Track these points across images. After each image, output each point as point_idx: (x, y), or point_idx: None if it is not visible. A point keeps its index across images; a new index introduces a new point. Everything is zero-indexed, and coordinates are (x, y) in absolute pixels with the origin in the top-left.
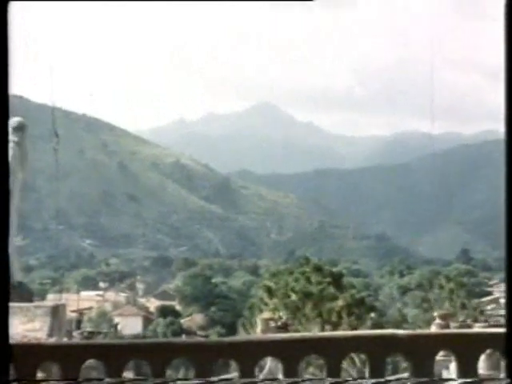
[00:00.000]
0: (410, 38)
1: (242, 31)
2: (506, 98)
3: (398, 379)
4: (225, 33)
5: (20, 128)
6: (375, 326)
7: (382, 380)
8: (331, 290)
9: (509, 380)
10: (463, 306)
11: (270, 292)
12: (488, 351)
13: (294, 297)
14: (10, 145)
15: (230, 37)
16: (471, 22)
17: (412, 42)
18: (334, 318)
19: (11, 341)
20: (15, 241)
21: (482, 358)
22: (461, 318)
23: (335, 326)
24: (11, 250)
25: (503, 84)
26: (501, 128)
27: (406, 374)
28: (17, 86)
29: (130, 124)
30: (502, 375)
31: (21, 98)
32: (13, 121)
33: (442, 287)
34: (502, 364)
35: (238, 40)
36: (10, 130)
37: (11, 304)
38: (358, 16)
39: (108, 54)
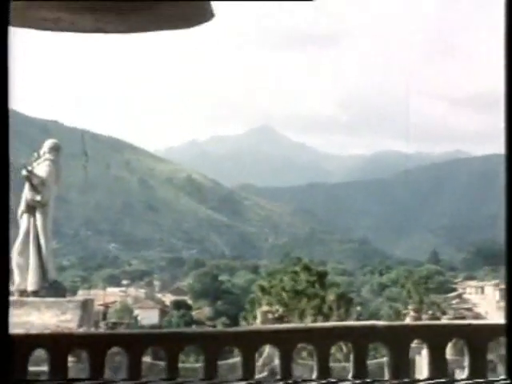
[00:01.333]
0: (387, 71)
1: (246, 66)
2: (505, 101)
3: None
4: (231, 68)
5: (55, 148)
6: (359, 317)
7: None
8: (318, 287)
9: (509, 380)
10: (432, 301)
11: (263, 290)
12: (454, 339)
13: (287, 293)
14: (47, 163)
15: (235, 71)
16: (442, 57)
17: (389, 74)
18: (325, 311)
19: (47, 330)
20: (51, 245)
21: (449, 345)
22: (431, 311)
23: (325, 318)
24: (48, 252)
25: (468, 110)
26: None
27: (385, 359)
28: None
29: (148, 144)
30: (466, 359)
31: (56, 122)
32: (49, 142)
33: (409, 285)
34: (465, 350)
35: (241, 73)
36: (47, 149)
37: (48, 299)
38: (342, 52)
39: (129, 82)
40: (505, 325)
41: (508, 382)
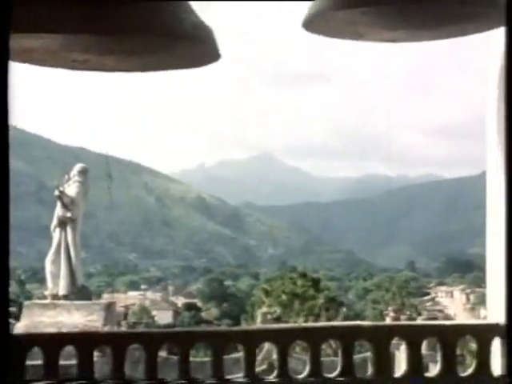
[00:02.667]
0: (371, 105)
1: (248, 101)
2: (505, 102)
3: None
4: (235, 102)
5: (83, 172)
6: (345, 318)
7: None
8: (311, 291)
9: (509, 380)
10: (409, 304)
11: (266, 293)
12: (428, 337)
13: (284, 296)
14: (76, 184)
15: (239, 105)
16: (418, 94)
17: (373, 108)
18: (315, 312)
19: (75, 329)
20: (79, 255)
21: (424, 342)
22: (408, 312)
23: (316, 318)
24: (77, 261)
25: (440, 139)
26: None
27: (368, 353)
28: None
29: (164, 167)
30: (438, 354)
31: (83, 149)
32: (78, 166)
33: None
34: (438, 346)
35: (244, 107)
36: (76, 173)
37: (77, 302)
38: (332, 89)
39: (147, 113)
40: (505, 325)
41: (508, 381)
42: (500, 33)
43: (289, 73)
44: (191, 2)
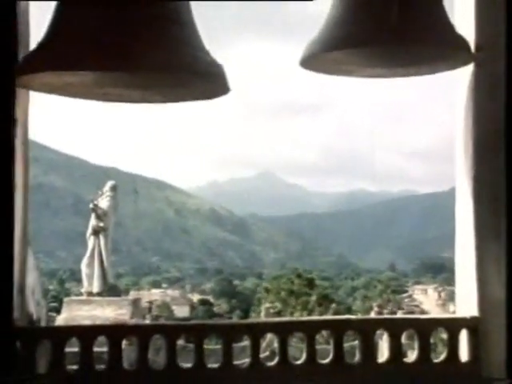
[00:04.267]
0: (358, 131)
1: (253, 128)
2: (505, 104)
3: None
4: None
5: (114, 188)
6: (336, 312)
7: None
8: (307, 289)
9: (509, 380)
10: (390, 300)
11: (267, 291)
12: (407, 329)
13: (283, 294)
14: (108, 198)
15: (246, 132)
16: (398, 121)
17: (359, 133)
18: (309, 307)
19: (107, 321)
20: (110, 258)
21: (404, 333)
22: (390, 307)
23: (310, 313)
24: (108, 264)
25: (417, 159)
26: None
27: (356, 342)
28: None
29: (182, 183)
30: (416, 343)
31: (114, 168)
32: (109, 183)
33: (377, 287)
34: (415, 336)
35: (250, 133)
36: (108, 189)
37: (108, 298)
38: (323, 117)
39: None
40: (505, 325)
41: (508, 381)
42: (467, 70)
43: (287, 104)
44: (205, 42)
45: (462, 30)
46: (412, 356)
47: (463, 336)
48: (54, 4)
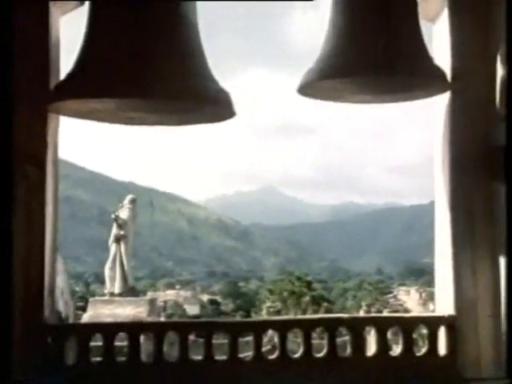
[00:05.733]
0: (348, 150)
1: (255, 148)
2: (505, 107)
3: None
4: (247, 150)
5: (133, 200)
6: (328, 311)
7: None
8: (305, 290)
9: (509, 380)
10: (377, 300)
11: (270, 292)
12: (392, 326)
13: (284, 294)
14: (127, 210)
15: (249, 152)
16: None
17: (349, 151)
18: (306, 307)
19: (127, 319)
20: (130, 263)
21: (390, 331)
22: (377, 306)
23: (305, 312)
24: (128, 268)
25: (399, 175)
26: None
27: (347, 337)
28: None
29: (193, 197)
30: (400, 338)
31: (133, 183)
32: (129, 196)
33: (365, 289)
34: (399, 332)
35: (253, 153)
36: (127, 201)
37: (128, 298)
38: (318, 137)
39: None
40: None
41: (508, 381)
42: (444, 96)
43: (286, 126)
44: (214, 72)
45: (440, 61)
46: (397, 350)
47: (441, 332)
48: (80, 39)
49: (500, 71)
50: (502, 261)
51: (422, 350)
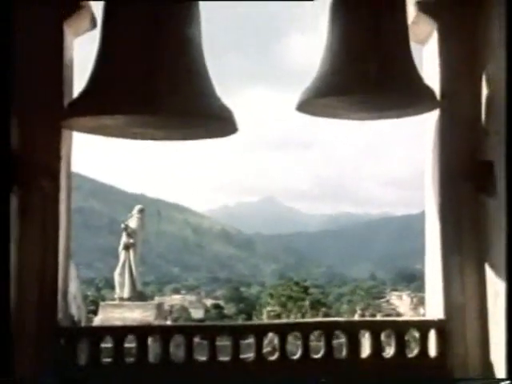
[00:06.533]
0: (343, 163)
1: (256, 162)
2: (505, 109)
3: None
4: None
5: (141, 211)
6: (326, 315)
7: None
8: (303, 295)
9: (509, 381)
10: (371, 304)
11: (270, 297)
12: (385, 329)
13: (283, 298)
14: (136, 219)
15: (250, 166)
16: (376, 155)
17: (345, 164)
18: (304, 311)
19: (135, 322)
20: (138, 269)
21: (383, 333)
22: (371, 311)
23: (304, 315)
24: (136, 274)
25: (392, 187)
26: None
27: (343, 340)
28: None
29: (198, 207)
30: (392, 340)
31: (142, 194)
32: (137, 207)
33: (359, 294)
34: (392, 335)
35: (254, 166)
36: (136, 211)
37: (136, 303)
38: (315, 151)
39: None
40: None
41: (508, 382)
42: (434, 113)
43: (285, 140)
44: (217, 91)
45: (430, 81)
46: (390, 351)
47: (432, 335)
48: (92, 60)
49: (485, 91)
50: (488, 268)
51: (414, 352)
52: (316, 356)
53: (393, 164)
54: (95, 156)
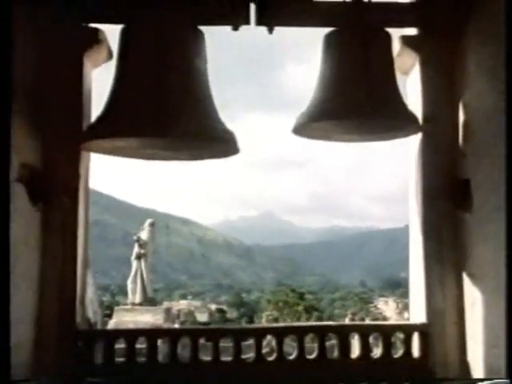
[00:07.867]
0: (334, 180)
1: (253, 180)
2: (505, 111)
3: None
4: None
5: (151, 224)
6: (319, 319)
7: None
8: (298, 300)
9: (509, 380)
10: (363, 308)
11: (269, 302)
12: (373, 332)
13: (280, 304)
14: (147, 232)
15: (250, 184)
16: (364, 172)
17: (335, 181)
18: (299, 315)
19: (146, 326)
20: (149, 277)
21: (371, 336)
22: (360, 315)
23: (299, 319)
24: (147, 281)
25: (379, 203)
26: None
27: (334, 341)
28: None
29: (203, 220)
30: (380, 342)
31: (152, 209)
32: (148, 220)
33: (353, 299)
34: (379, 337)
35: (253, 184)
36: (147, 225)
37: (147, 307)
38: (309, 170)
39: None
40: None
41: (508, 381)
42: (417, 136)
43: (282, 160)
44: (221, 115)
45: (413, 107)
46: (377, 352)
47: (415, 337)
48: (109, 88)
49: (462, 116)
50: (466, 278)
51: (399, 353)
52: (310, 356)
53: (380, 182)
54: (111, 174)
